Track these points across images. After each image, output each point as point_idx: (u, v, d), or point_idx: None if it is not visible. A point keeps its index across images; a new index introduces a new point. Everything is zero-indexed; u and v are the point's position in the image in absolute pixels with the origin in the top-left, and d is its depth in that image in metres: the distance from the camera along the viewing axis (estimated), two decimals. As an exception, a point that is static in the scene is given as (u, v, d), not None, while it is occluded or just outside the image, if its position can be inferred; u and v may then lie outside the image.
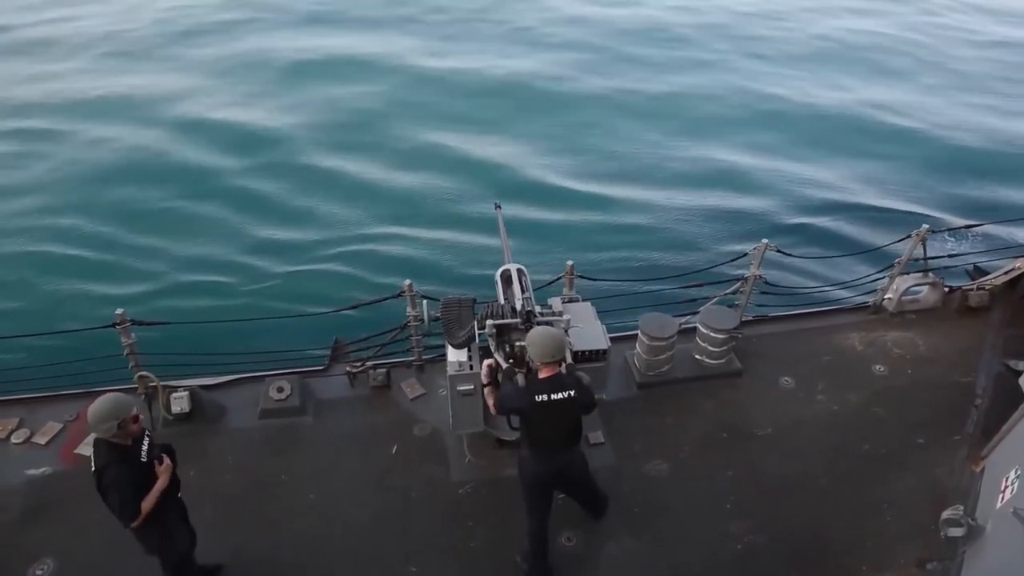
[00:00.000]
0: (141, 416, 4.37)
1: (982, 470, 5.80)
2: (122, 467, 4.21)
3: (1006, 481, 5.01)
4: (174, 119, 16.62)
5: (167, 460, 4.48)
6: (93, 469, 4.26)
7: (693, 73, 19.30)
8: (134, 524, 4.27)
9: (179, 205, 13.62)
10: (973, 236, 11.01)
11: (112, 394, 4.32)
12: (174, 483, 4.61)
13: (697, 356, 7.16)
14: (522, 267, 6.00)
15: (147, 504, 4.28)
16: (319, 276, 11.76)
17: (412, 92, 17.99)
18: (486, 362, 5.11)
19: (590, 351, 5.74)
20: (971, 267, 8.54)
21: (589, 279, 7.22)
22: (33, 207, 13.45)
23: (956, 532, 5.11)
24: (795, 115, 17.27)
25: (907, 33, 22.51)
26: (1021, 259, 7.60)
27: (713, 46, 21.07)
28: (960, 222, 11.35)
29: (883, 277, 8.00)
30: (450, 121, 16.57)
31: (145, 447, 4.40)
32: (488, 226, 12.18)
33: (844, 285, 8.62)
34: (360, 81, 18.40)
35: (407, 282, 6.59)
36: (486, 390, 5.05)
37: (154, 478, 4.36)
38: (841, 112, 17.35)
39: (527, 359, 4.76)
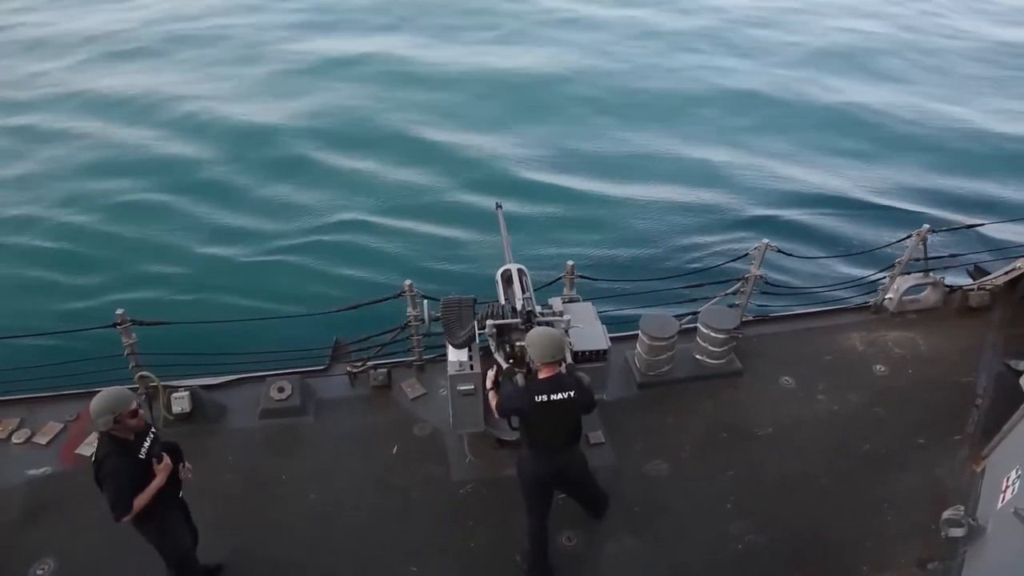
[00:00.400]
0: (141, 411, 4.35)
1: (983, 470, 5.80)
2: (120, 460, 4.21)
3: (1007, 481, 5.01)
4: (168, 116, 16.78)
5: (166, 459, 4.45)
6: (93, 460, 4.28)
7: (691, 73, 19.32)
8: (125, 519, 4.25)
9: (149, 198, 13.78)
10: (974, 236, 10.99)
11: (112, 388, 4.32)
12: (175, 483, 4.60)
13: (697, 356, 7.16)
14: (523, 267, 6.00)
15: (140, 501, 4.26)
16: (291, 269, 11.91)
17: (399, 89, 18.14)
18: (491, 371, 5.12)
19: (590, 351, 5.74)
20: (972, 267, 8.51)
21: (590, 279, 7.22)
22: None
23: (957, 532, 5.10)
24: (794, 115, 17.27)
25: (902, 33, 22.53)
26: (1022, 259, 7.58)
27: (714, 46, 21.10)
28: (961, 222, 11.34)
29: (884, 277, 8.00)
30: (434, 117, 16.70)
31: (147, 445, 4.39)
32: (462, 218, 12.71)
33: (845, 285, 8.62)
34: (341, 77, 18.62)
35: (407, 282, 6.59)
36: (490, 393, 5.06)
37: (152, 476, 4.35)
38: (841, 112, 17.34)
39: (527, 359, 4.77)
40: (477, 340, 5.53)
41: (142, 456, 4.34)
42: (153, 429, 4.57)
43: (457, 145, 15.56)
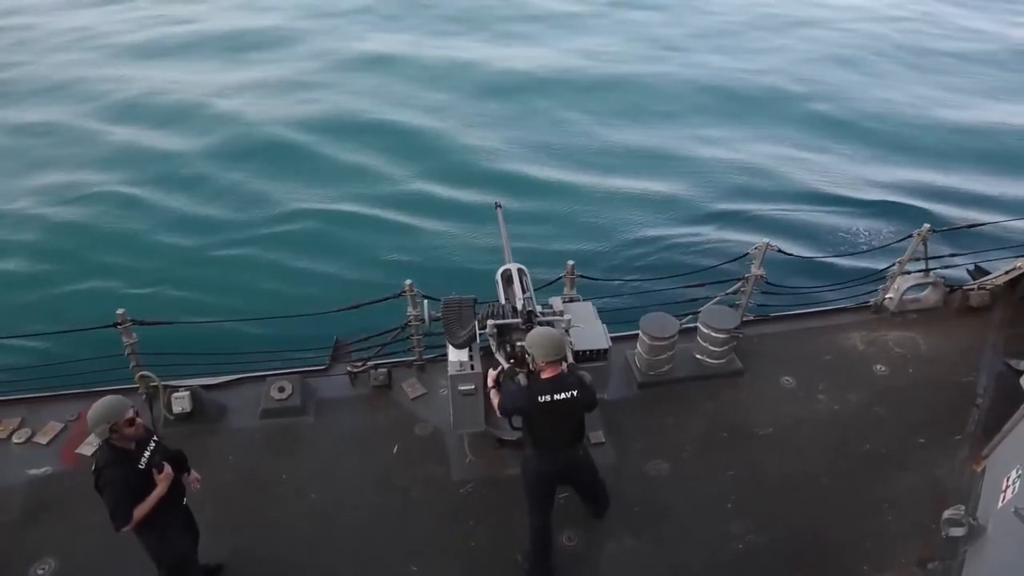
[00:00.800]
0: (139, 420, 4.29)
1: (983, 470, 5.80)
2: (119, 470, 4.17)
3: (1007, 481, 5.00)
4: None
5: (167, 469, 4.39)
6: (93, 468, 4.25)
7: (687, 69, 19.38)
8: (124, 529, 4.22)
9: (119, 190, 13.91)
10: (974, 235, 11.00)
11: (108, 397, 4.26)
12: (178, 491, 4.56)
13: (698, 356, 7.16)
14: (522, 267, 6.01)
15: (140, 512, 4.22)
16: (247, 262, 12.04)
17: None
18: (492, 370, 5.12)
19: (591, 350, 5.74)
20: (972, 267, 8.52)
21: (590, 278, 7.22)
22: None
23: (957, 532, 5.10)
24: (795, 111, 17.27)
25: (901, 27, 22.59)
26: (1022, 259, 7.59)
27: (709, 44, 21.14)
28: (961, 221, 11.33)
29: (884, 277, 7.99)
30: (417, 111, 16.93)
31: (147, 454, 4.35)
32: (419, 205, 13.07)
33: (845, 285, 8.61)
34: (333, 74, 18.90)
35: (408, 282, 6.60)
36: (491, 392, 5.06)
37: (153, 485, 4.30)
38: (844, 108, 17.33)
39: (528, 359, 4.78)
40: (478, 340, 5.53)
41: (142, 466, 4.29)
42: (155, 438, 4.52)
43: (442, 138, 15.74)
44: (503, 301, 5.74)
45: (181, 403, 6.44)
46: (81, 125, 16.35)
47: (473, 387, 5.48)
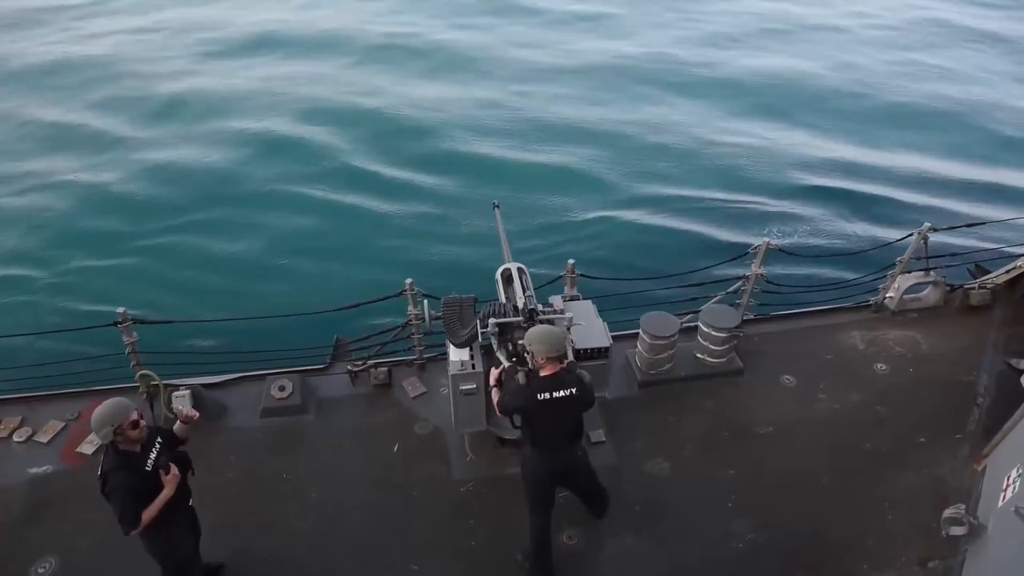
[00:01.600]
0: (143, 422, 4.27)
1: (984, 469, 5.80)
2: (125, 474, 4.16)
3: (1008, 480, 5.01)
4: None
5: (174, 470, 4.37)
6: (99, 472, 4.24)
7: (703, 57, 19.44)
8: (133, 532, 4.22)
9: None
10: (974, 234, 10.99)
11: (111, 400, 4.24)
12: (184, 492, 4.55)
13: (698, 355, 7.16)
14: (522, 266, 6.01)
15: (148, 514, 4.23)
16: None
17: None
18: (494, 369, 5.12)
19: (592, 349, 5.74)
20: (972, 266, 8.52)
21: (590, 277, 7.22)
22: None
23: (958, 531, 5.09)
24: (795, 102, 17.23)
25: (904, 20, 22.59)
26: (1022, 258, 7.59)
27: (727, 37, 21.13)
28: (962, 220, 11.32)
29: (885, 275, 7.99)
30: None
31: (153, 456, 4.33)
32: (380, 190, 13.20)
33: (846, 284, 8.60)
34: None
35: (408, 281, 6.60)
36: (493, 391, 5.07)
37: (160, 487, 4.29)
38: (846, 100, 17.29)
39: (528, 356, 4.78)
40: (480, 339, 5.53)
41: (148, 468, 4.28)
42: (159, 439, 4.49)
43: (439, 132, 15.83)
44: (503, 300, 5.74)
45: (182, 402, 6.41)
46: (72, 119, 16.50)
47: (474, 386, 5.48)
